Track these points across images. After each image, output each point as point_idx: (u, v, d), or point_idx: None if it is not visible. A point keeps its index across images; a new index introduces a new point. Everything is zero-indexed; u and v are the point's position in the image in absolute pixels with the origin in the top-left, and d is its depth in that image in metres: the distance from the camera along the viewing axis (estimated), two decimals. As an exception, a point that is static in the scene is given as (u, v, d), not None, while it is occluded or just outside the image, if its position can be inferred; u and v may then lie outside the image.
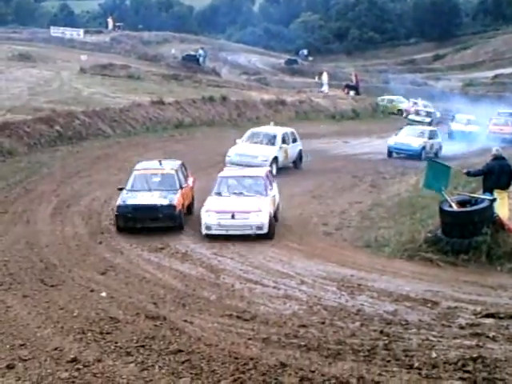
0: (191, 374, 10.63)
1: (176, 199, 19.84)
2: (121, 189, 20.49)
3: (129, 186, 20.48)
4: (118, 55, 67.24)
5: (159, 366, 10.90)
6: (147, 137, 36.23)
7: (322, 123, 47.01)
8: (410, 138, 36.26)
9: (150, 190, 20.24)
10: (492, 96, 61.64)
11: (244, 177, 20.74)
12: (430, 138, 36.52)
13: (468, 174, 19.47)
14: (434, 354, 11.27)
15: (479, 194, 18.63)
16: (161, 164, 21.37)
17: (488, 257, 16.97)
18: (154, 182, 20.56)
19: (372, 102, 57.63)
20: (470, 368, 10.65)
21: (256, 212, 18.83)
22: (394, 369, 10.77)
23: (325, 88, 60.00)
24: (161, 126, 38.79)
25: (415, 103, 55.41)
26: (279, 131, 29.88)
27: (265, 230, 18.86)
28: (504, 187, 18.43)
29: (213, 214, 18.95)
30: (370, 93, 62.64)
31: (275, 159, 27.99)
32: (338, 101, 54.86)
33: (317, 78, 68.23)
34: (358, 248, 18.68)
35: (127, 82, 49.47)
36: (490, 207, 17.68)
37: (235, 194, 19.93)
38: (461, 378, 10.33)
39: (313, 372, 10.59)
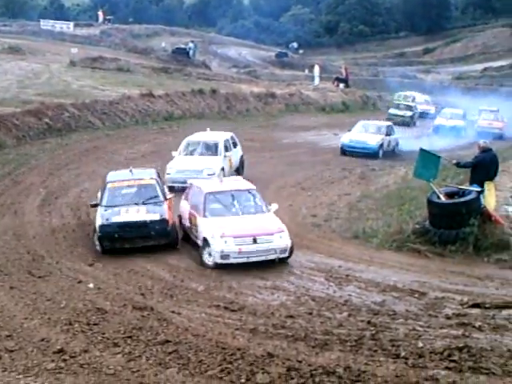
0: (178, 364, 10.66)
1: (166, 213, 17.45)
2: (95, 205, 18.10)
3: (104, 202, 17.77)
4: (108, 48, 67.14)
5: (146, 357, 10.91)
6: (137, 129, 36.17)
7: (312, 116, 47.03)
8: (365, 134, 33.51)
9: (130, 204, 17.62)
10: (487, 89, 61.67)
11: (237, 191, 17.66)
12: (387, 135, 33.90)
13: (457, 165, 19.48)
14: (420, 344, 11.33)
15: (467, 186, 18.66)
16: (132, 173, 18.83)
17: (475, 248, 17.03)
18: (133, 195, 17.97)
19: (362, 94, 57.64)
20: (455, 357, 10.71)
21: (279, 233, 16.06)
22: (381, 358, 10.83)
23: (316, 81, 60.01)
24: (150, 119, 38.73)
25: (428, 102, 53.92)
26: (220, 138, 25.57)
27: (287, 254, 16.30)
28: (492, 178, 18.49)
29: (230, 240, 15.80)
30: (359, 86, 62.70)
31: (222, 170, 23.87)
32: (327, 93, 54.87)
33: (307, 70, 68.24)
34: (346, 239, 18.70)
35: (117, 75, 49.41)
36: (478, 199, 17.72)
37: (229, 214, 16.92)
38: (447, 368, 10.39)
39: (300, 362, 10.63)
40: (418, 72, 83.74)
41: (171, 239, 17.40)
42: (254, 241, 15.84)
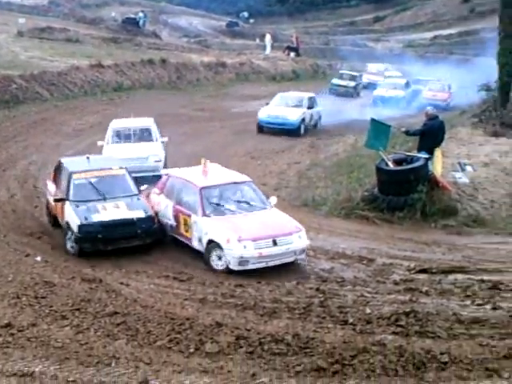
0: (127, 335, 10.58)
1: (150, 208, 15.78)
2: (59, 200, 15.89)
3: (72, 196, 15.76)
4: (56, 18, 65.88)
5: (94, 329, 10.82)
6: (86, 100, 35.73)
7: (262, 85, 46.91)
8: (285, 108, 30.25)
9: (104, 199, 15.72)
10: (437, 57, 61.73)
11: (233, 184, 15.91)
12: (309, 108, 31.01)
13: (407, 133, 19.65)
14: (368, 310, 11.45)
15: (415, 153, 18.83)
16: (88, 160, 16.96)
17: (423, 214, 17.26)
18: (103, 188, 15.96)
19: (312, 63, 57.62)
20: (402, 322, 10.84)
21: (298, 233, 14.39)
22: (329, 325, 10.90)
23: (267, 50, 59.80)
24: (99, 90, 38.26)
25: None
26: (150, 123, 23.02)
27: (304, 255, 14.76)
28: (439, 145, 18.68)
29: (250, 244, 13.96)
30: (310, 54, 62.62)
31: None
32: (278, 62, 54.72)
33: (258, 39, 67.93)
34: (295, 207, 18.73)
35: (66, 46, 48.62)
36: (426, 165, 17.92)
37: (233, 212, 15.09)
38: (394, 333, 10.50)
39: (248, 330, 10.63)
40: (369, 40, 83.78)
41: (156, 238, 15.61)
42: (274, 243, 14.09)
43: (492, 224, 17.88)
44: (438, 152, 18.57)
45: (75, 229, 15.10)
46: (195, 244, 14.95)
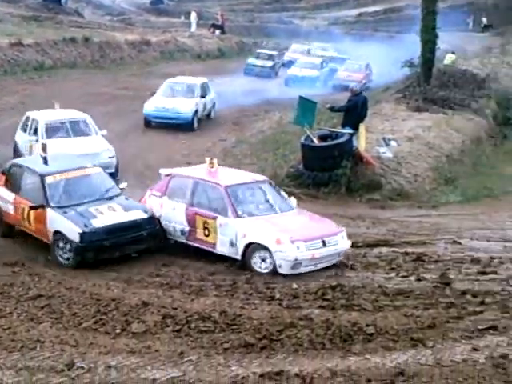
0: (51, 318, 10.40)
1: (148, 208, 14.27)
2: (36, 207, 13.74)
3: (53, 202, 13.74)
4: (-28, -4, 64.24)
5: (18, 313, 10.59)
6: (5, 80, 34.66)
7: (187, 63, 46.54)
8: (174, 99, 26.18)
9: (91, 201, 13.93)
10: (363, 34, 62.02)
11: (256, 183, 14.43)
12: (202, 96, 26.99)
13: (332, 109, 19.79)
14: (294, 286, 11.55)
15: (339, 129, 18.96)
16: (46, 160, 14.93)
17: (347, 189, 17.46)
18: (84, 189, 14.29)
19: (238, 41, 57.48)
20: (329, 296, 10.97)
21: (341, 233, 13.35)
22: (256, 301, 10.94)
23: (193, 27, 59.36)
24: (20, 69, 37.29)
25: None
26: (80, 115, 20.55)
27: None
28: (362, 120, 18.85)
29: (302, 245, 12.73)
30: (235, 32, 62.43)
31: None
32: (203, 40, 54.38)
33: (183, 17, 67.38)
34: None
35: (-16, 24, 47.35)
36: (350, 141, 18.09)
37: (265, 212, 13.73)
38: (320, 307, 10.60)
39: (175, 309, 10.58)
40: (294, 18, 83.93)
41: (158, 241, 14.05)
42: (324, 244, 12.93)
43: (415, 197, 18.21)
44: (361, 127, 18.75)
45: (75, 238, 13.08)
46: (222, 249, 13.36)
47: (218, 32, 58.54)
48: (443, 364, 8.55)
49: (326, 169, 17.66)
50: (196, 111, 26.07)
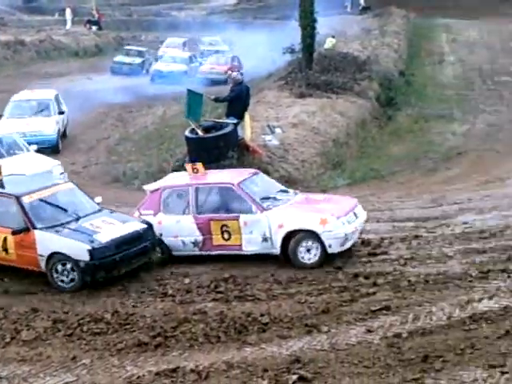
0: None
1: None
2: (20, 231, 12.02)
3: (38, 223, 12.11)
4: None
5: None
6: None
7: (65, 61, 45.67)
8: (28, 121, 22.45)
9: (78, 218, 12.52)
10: (243, 22, 61.87)
11: (255, 176, 13.71)
12: (60, 113, 23.97)
13: (216, 100, 19.69)
14: (187, 281, 11.43)
15: (224, 119, 18.90)
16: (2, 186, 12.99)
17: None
18: (65, 207, 12.79)
19: (116, 36, 56.71)
20: (222, 289, 10.93)
21: (359, 205, 13.08)
22: (149, 299, 10.85)
23: (68, 25, 58.20)
24: None
25: None
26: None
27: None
28: (246, 109, 18.84)
29: (345, 220, 12.21)
30: (112, 27, 61.56)
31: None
32: (80, 37, 53.41)
33: (57, 14, 65.97)
34: (106, 184, 18.40)
35: None
36: (234, 131, 18.04)
37: (284, 201, 12.99)
38: (214, 300, 10.56)
39: (66, 313, 10.41)
40: (172, 10, 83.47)
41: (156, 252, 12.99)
42: (355, 216, 12.51)
43: (304, 183, 18.34)
44: (246, 117, 18.73)
45: (83, 256, 11.68)
46: (252, 248, 12.45)
47: (94, 28, 57.63)
48: (338, 348, 8.67)
49: (212, 160, 17.41)
50: (58, 130, 23.04)
